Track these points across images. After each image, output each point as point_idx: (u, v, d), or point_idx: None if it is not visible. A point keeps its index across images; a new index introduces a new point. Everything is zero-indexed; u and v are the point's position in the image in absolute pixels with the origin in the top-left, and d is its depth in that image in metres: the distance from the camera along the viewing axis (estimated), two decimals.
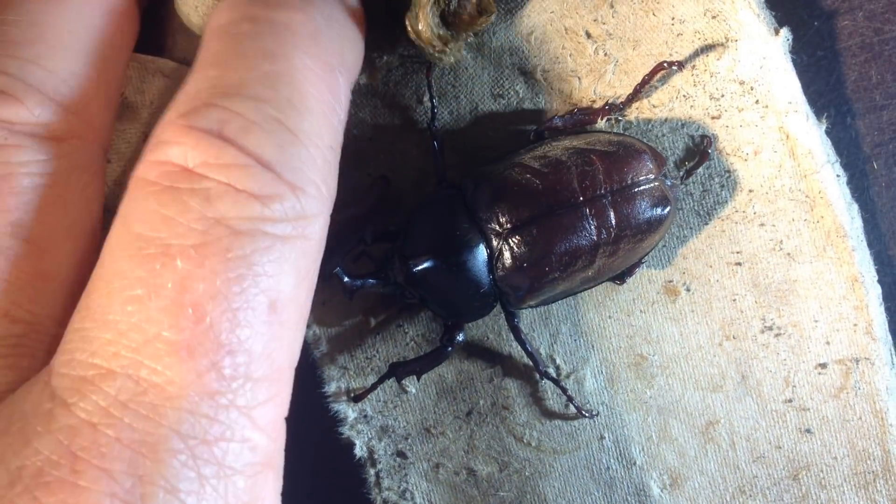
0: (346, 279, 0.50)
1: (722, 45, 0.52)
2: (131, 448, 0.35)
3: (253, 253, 0.37)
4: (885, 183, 0.55)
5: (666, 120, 0.53)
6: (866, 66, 0.54)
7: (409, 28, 0.49)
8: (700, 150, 0.53)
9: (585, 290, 0.53)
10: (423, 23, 0.49)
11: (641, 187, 0.50)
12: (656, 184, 0.50)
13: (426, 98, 0.54)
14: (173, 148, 0.38)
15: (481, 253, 0.50)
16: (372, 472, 0.58)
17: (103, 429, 0.35)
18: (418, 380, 0.56)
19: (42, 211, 0.42)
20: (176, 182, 0.38)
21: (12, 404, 0.37)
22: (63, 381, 0.37)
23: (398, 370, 0.54)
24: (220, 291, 0.36)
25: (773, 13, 0.52)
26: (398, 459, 0.58)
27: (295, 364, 0.41)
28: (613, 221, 0.49)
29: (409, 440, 0.58)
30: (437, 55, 0.51)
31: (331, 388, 0.57)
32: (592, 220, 0.49)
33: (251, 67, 0.40)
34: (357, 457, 0.58)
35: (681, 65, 0.52)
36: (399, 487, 0.58)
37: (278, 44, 0.41)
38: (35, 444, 0.35)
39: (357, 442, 0.57)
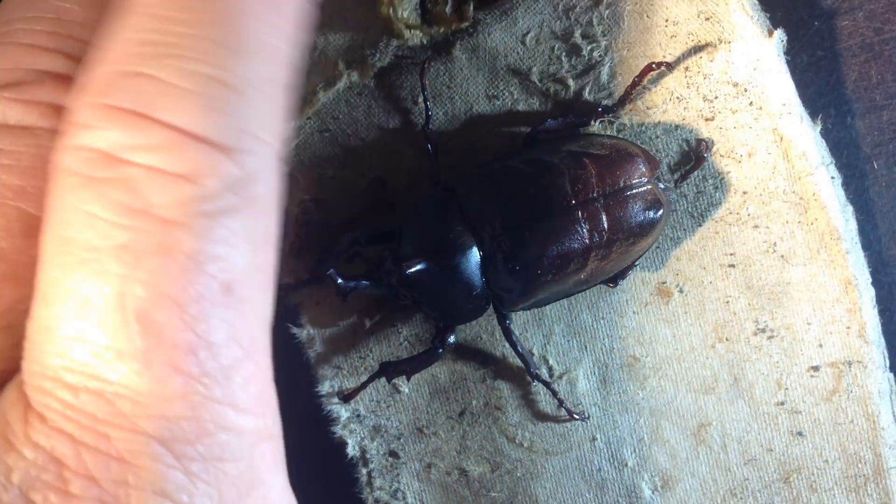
0: (339, 281, 0.50)
1: (715, 46, 0.52)
2: (113, 457, 0.33)
3: (191, 240, 0.33)
4: (885, 183, 0.55)
5: (659, 122, 0.53)
6: (866, 66, 0.54)
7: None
8: (696, 153, 0.53)
9: (578, 292, 0.53)
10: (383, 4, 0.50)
11: (634, 191, 0.50)
12: (649, 187, 0.50)
13: (420, 99, 0.54)
14: (90, 132, 0.33)
15: (474, 255, 0.50)
16: (364, 471, 0.58)
17: (80, 438, 0.33)
18: (408, 380, 0.56)
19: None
20: (96, 171, 0.33)
21: None
22: (30, 390, 0.35)
23: (388, 370, 0.54)
24: (163, 292, 0.33)
25: (774, 13, 0.52)
26: (390, 459, 0.58)
27: (269, 326, 0.38)
28: (606, 225, 0.49)
29: (402, 440, 0.58)
30: (399, 33, 0.51)
31: (324, 387, 0.57)
32: (585, 223, 0.49)
33: (174, 6, 0.34)
34: (349, 456, 0.58)
35: (669, 65, 0.52)
36: (391, 487, 0.58)
37: None
38: (19, 448, 0.34)
39: (349, 441, 0.57)
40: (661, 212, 0.50)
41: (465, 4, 0.52)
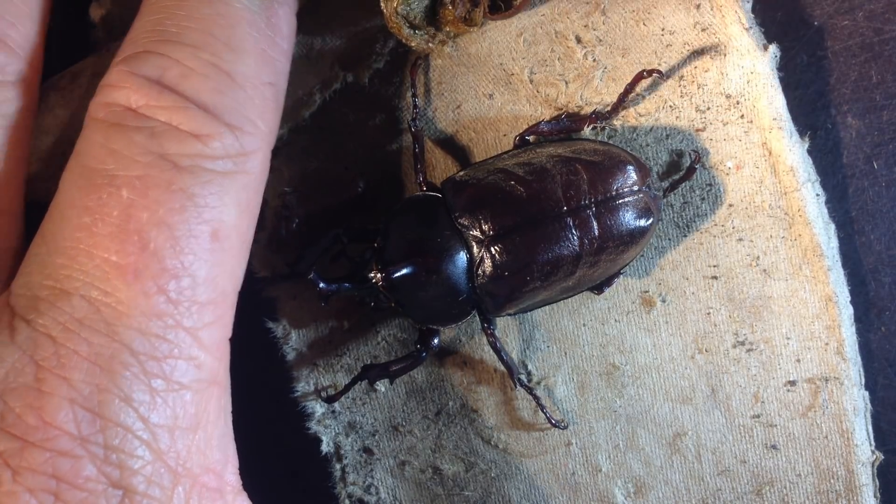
0: (321, 285, 0.49)
1: (710, 57, 0.52)
2: (88, 360, 0.38)
3: (194, 186, 0.40)
4: (885, 183, 0.55)
5: (651, 129, 0.53)
6: (866, 66, 0.54)
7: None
8: (687, 164, 0.53)
9: (564, 299, 0.53)
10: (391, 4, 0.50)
11: (625, 198, 0.49)
12: (640, 195, 0.50)
13: (409, 95, 0.54)
14: (118, 91, 0.41)
15: (461, 260, 0.49)
16: (338, 466, 0.58)
17: (62, 341, 0.38)
18: (391, 383, 0.56)
19: (1, 149, 0.45)
20: (122, 120, 0.40)
21: None
22: (21, 301, 0.39)
23: (371, 373, 0.54)
24: (163, 220, 0.39)
25: (774, 14, 0.52)
26: (364, 455, 0.58)
27: (238, 288, 0.44)
28: (596, 232, 0.49)
29: (377, 437, 0.58)
30: (399, 31, 0.51)
31: (299, 383, 0.57)
32: (576, 230, 0.49)
33: (189, 12, 0.42)
34: (323, 452, 0.58)
35: (661, 73, 0.51)
36: (364, 483, 0.58)
37: None
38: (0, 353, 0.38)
39: (324, 437, 0.57)
40: (651, 220, 0.50)
41: (475, 9, 0.51)
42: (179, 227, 0.40)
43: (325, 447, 0.57)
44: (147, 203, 0.39)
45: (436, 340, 0.53)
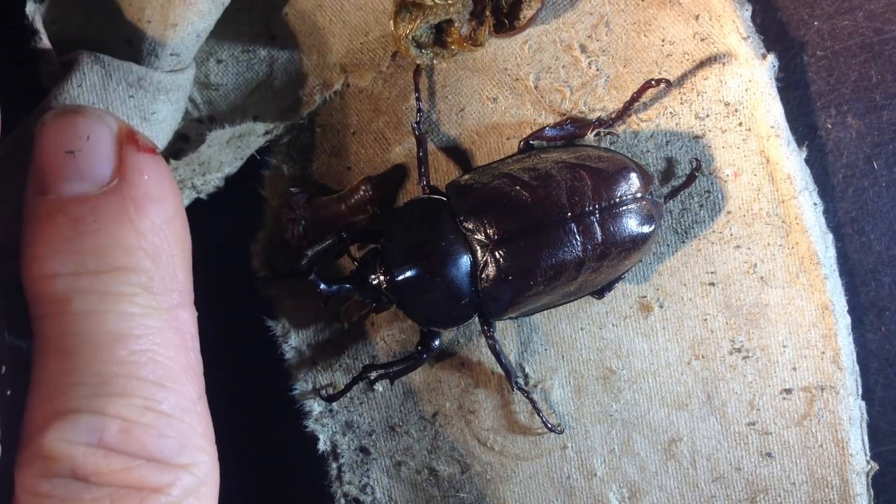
0: (322, 286, 0.49)
1: (709, 66, 0.52)
2: None
3: None
4: (885, 183, 0.55)
5: (651, 136, 0.54)
6: (866, 66, 0.54)
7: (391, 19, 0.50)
8: (687, 171, 0.53)
9: (565, 303, 0.54)
10: (399, 24, 0.50)
11: (629, 205, 0.50)
12: (643, 202, 0.50)
13: (413, 98, 0.54)
14: (57, 463, 0.39)
15: (465, 263, 0.50)
16: (334, 465, 0.58)
17: None
18: (392, 384, 0.56)
19: None
20: (75, 494, 0.39)
21: None
22: None
23: (371, 373, 0.54)
24: None
25: (775, 14, 0.52)
26: (361, 455, 0.58)
27: None
28: (600, 238, 0.49)
29: (374, 437, 0.58)
30: (407, 51, 0.52)
31: (298, 382, 0.58)
32: (579, 235, 0.49)
33: (105, 359, 0.40)
34: (320, 450, 0.58)
35: (668, 82, 0.52)
36: (360, 482, 0.58)
37: (123, 320, 0.41)
38: None
39: (321, 436, 0.58)
40: (653, 226, 0.50)
41: (480, 28, 0.52)
42: None
43: (322, 445, 0.58)
44: None
45: (436, 342, 0.54)
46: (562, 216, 0.49)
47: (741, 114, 0.52)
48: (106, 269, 0.41)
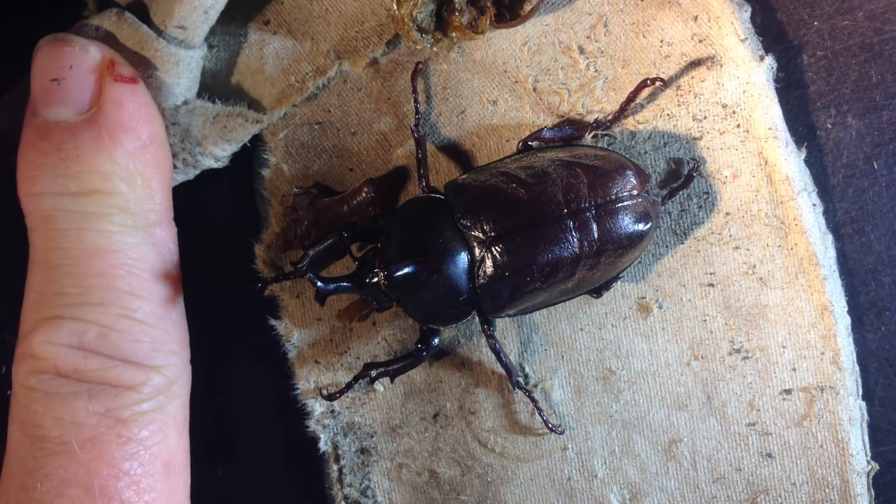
0: (319, 284, 0.49)
1: (707, 68, 0.53)
2: None
3: (140, 431, 0.45)
4: (885, 183, 0.55)
5: (649, 137, 0.54)
6: (866, 66, 0.54)
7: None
8: (685, 172, 0.54)
9: (563, 301, 0.54)
10: (402, 3, 0.51)
11: (625, 202, 0.50)
12: (639, 200, 0.50)
13: (412, 100, 0.55)
14: (43, 361, 0.44)
15: (463, 260, 0.50)
16: (335, 467, 0.58)
17: None
18: (392, 382, 0.56)
19: None
20: (57, 388, 0.44)
21: None
22: None
23: (372, 371, 0.54)
24: (122, 471, 0.44)
25: (775, 14, 0.53)
26: (362, 457, 0.58)
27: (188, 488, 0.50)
28: (596, 234, 0.50)
29: (375, 438, 0.58)
30: (408, 34, 0.52)
31: (300, 381, 0.58)
32: (575, 232, 0.49)
33: (86, 269, 0.45)
34: (321, 451, 0.58)
35: (664, 81, 0.52)
36: (361, 485, 0.58)
37: (102, 237, 0.46)
38: None
39: (322, 436, 0.58)
40: (649, 225, 0.50)
41: (481, 17, 0.53)
42: (137, 471, 0.45)
43: (324, 446, 0.58)
44: (105, 459, 0.44)
45: (436, 340, 0.54)
46: (558, 213, 0.49)
47: (739, 116, 0.53)
48: (85, 192, 0.45)
